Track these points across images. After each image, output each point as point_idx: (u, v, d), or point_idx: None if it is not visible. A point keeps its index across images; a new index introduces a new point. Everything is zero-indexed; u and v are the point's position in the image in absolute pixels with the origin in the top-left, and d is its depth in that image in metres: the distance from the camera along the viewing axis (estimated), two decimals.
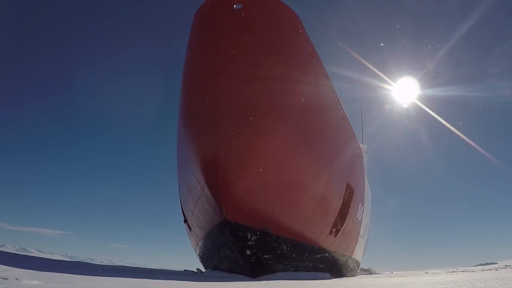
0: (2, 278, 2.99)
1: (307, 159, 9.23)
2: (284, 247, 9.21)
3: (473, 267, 18.42)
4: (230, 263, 9.30)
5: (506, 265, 16.99)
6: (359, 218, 15.21)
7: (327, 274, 10.50)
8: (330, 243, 11.38)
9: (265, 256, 8.79)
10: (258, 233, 8.47)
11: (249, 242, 8.42)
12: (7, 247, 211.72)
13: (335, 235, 11.47)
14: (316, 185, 9.78)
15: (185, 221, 12.76)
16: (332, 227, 11.13)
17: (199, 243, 12.08)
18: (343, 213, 11.88)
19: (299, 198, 9.32)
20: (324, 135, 10.30)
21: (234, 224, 8.10)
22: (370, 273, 19.42)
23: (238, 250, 8.42)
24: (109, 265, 13.97)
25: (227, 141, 7.77)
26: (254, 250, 8.53)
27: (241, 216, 8.13)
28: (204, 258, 12.45)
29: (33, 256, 11.71)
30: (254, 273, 8.57)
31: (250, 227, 8.36)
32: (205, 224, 9.85)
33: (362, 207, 15.40)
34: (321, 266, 10.85)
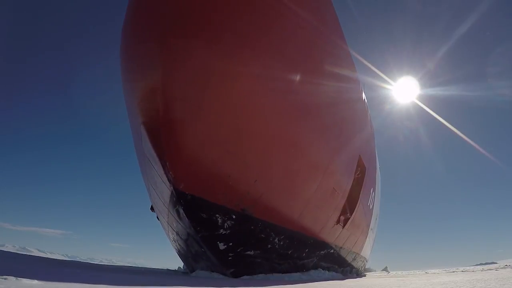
0: (2, 278, 2.99)
1: (310, 110, 6.33)
2: (276, 240, 6.43)
3: (473, 267, 18.41)
4: (206, 261, 6.44)
5: (506, 265, 16.97)
6: (370, 207, 12.51)
7: (328, 273, 8.43)
8: (336, 236, 8.96)
9: (248, 252, 6.02)
10: (234, 216, 5.51)
11: (221, 231, 5.43)
12: (7, 246, 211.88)
13: (343, 226, 8.99)
14: (321, 150, 6.88)
15: (152, 208, 8.76)
16: (340, 215, 8.62)
17: (170, 235, 8.31)
18: (354, 197, 9.33)
19: (296, 165, 6.34)
20: (333, 81, 7.34)
21: (190, 198, 4.98)
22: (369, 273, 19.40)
23: (205, 242, 5.48)
24: (108, 265, 13.97)
25: (181, 52, 4.43)
26: (230, 244, 5.64)
27: (202, 184, 5.04)
28: (180, 255, 8.87)
29: (33, 256, 11.69)
30: (236, 273, 5.98)
31: (220, 205, 5.31)
32: (159, 204, 6.64)
33: (373, 192, 12.83)
34: (324, 264, 8.57)
